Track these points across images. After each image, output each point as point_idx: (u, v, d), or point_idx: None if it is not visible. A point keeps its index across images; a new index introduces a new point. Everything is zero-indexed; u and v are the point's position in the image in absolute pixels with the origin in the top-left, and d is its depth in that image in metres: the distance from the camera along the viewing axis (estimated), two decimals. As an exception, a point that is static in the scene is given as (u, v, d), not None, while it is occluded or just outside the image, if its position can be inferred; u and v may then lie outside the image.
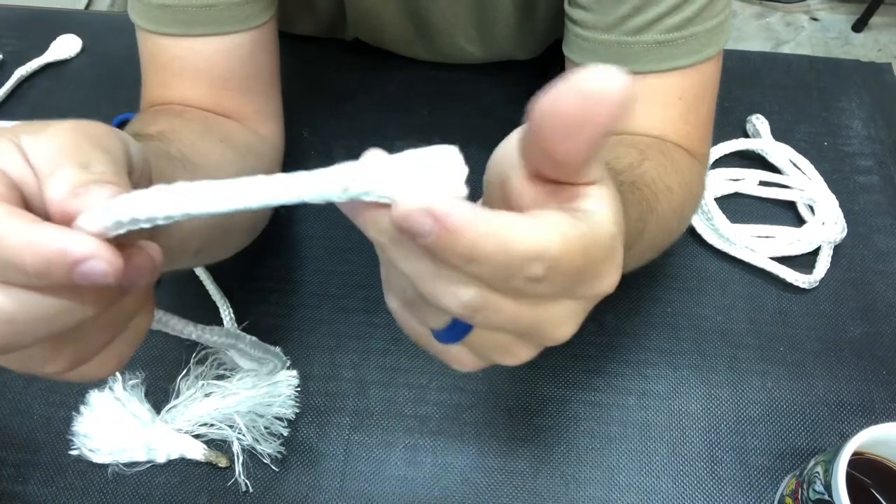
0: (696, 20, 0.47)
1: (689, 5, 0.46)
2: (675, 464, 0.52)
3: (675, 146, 0.49)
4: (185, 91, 0.51)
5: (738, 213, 0.63)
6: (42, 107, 0.72)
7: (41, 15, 0.80)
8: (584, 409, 0.55)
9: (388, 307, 0.28)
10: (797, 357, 0.57)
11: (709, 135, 0.53)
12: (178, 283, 0.60)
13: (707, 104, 0.52)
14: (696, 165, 0.50)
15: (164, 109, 0.50)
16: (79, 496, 0.51)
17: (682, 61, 0.48)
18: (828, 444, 0.53)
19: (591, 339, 0.58)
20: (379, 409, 0.55)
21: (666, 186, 0.44)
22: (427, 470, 0.52)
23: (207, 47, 0.50)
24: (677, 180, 0.46)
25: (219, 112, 0.52)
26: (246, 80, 0.53)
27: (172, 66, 0.51)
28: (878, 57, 1.90)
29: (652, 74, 0.48)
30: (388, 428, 0.54)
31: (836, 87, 0.73)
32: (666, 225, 0.46)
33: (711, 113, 0.52)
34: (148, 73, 0.52)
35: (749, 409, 0.55)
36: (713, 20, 0.48)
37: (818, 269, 0.60)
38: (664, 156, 0.47)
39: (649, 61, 0.48)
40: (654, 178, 0.44)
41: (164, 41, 0.50)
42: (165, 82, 0.51)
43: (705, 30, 0.47)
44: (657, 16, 0.46)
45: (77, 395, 0.54)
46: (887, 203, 0.65)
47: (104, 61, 0.75)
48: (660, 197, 0.43)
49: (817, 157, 0.66)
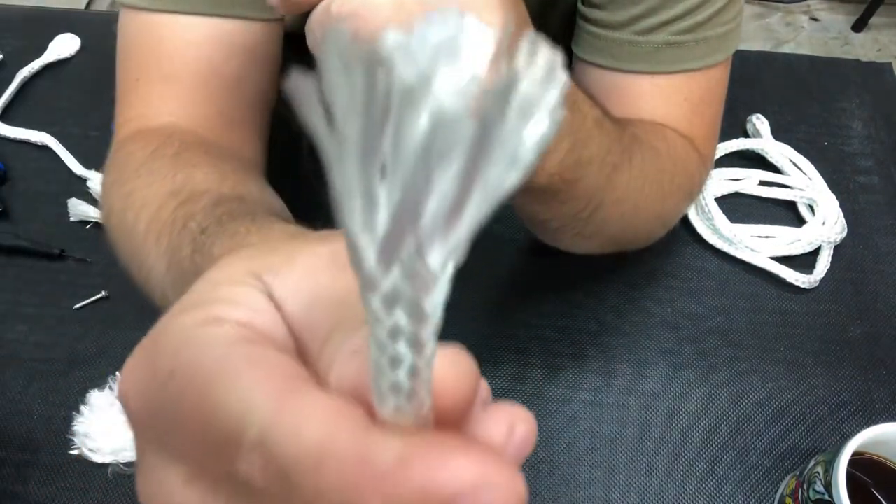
0: (708, 25, 0.48)
1: (702, 11, 0.47)
2: (675, 464, 0.52)
3: (671, 130, 0.50)
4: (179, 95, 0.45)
5: (738, 213, 0.63)
6: (43, 107, 0.72)
7: (41, 15, 0.80)
8: (584, 409, 0.55)
9: None
10: (797, 357, 0.57)
11: (714, 138, 0.53)
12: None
13: (713, 108, 0.52)
14: (695, 153, 0.51)
15: (189, 160, 0.41)
16: (79, 496, 0.51)
17: (691, 64, 0.48)
18: (828, 444, 0.53)
19: (591, 340, 0.58)
20: (379, 409, 0.55)
21: (651, 146, 0.45)
22: (427, 470, 0.52)
23: (203, 31, 0.44)
24: (665, 147, 0.47)
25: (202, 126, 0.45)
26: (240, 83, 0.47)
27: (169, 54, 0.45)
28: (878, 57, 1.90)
29: (659, 75, 0.49)
30: (388, 428, 0.54)
31: (836, 87, 0.73)
32: (655, 178, 0.46)
33: (717, 117, 0.53)
34: (131, 69, 0.47)
35: (749, 408, 0.55)
36: (724, 27, 0.48)
37: (818, 269, 0.60)
38: (654, 127, 0.48)
39: (658, 62, 0.48)
40: (637, 133, 0.45)
41: (157, 18, 0.44)
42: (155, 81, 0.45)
43: (716, 35, 0.48)
44: (670, 18, 0.47)
45: (77, 395, 0.54)
46: (887, 203, 0.65)
47: (104, 61, 0.75)
48: (641, 147, 0.44)
49: (817, 157, 0.66)
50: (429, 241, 0.12)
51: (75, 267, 0.61)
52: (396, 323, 0.12)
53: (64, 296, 0.60)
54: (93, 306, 0.59)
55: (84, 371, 0.56)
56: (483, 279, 0.60)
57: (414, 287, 0.12)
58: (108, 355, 0.57)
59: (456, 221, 0.11)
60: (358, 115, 0.11)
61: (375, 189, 0.11)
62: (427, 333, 0.13)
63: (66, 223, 0.63)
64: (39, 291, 0.60)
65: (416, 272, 0.12)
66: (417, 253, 0.12)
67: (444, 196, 0.11)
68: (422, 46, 0.11)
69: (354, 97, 0.11)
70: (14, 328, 0.58)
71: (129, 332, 0.58)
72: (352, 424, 0.13)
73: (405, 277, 0.12)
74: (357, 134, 0.11)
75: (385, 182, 0.11)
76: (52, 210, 0.64)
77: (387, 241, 0.12)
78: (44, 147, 0.68)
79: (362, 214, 0.11)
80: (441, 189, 0.11)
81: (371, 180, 0.11)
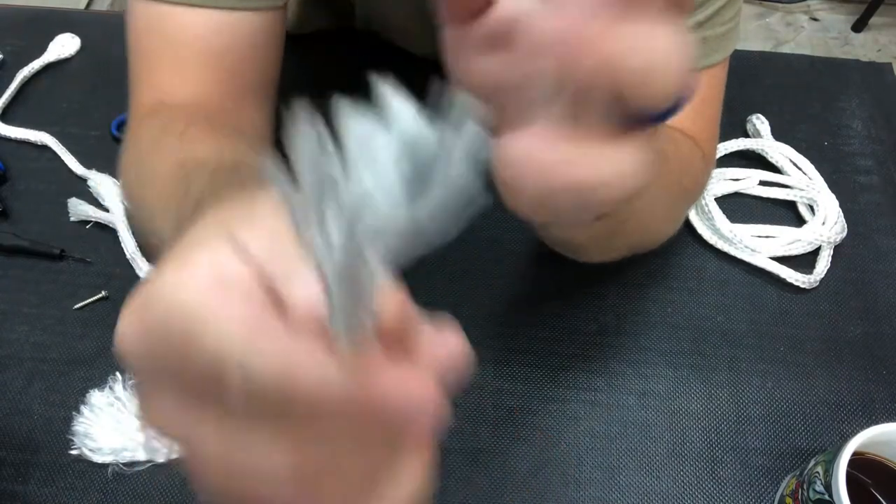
0: (707, 25, 0.48)
1: (702, 11, 0.47)
2: (675, 464, 0.52)
3: (675, 130, 0.50)
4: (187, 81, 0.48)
5: (738, 213, 0.63)
6: (43, 107, 0.72)
7: (41, 15, 0.80)
8: (584, 409, 0.55)
9: None
10: (797, 357, 0.57)
11: (715, 138, 0.54)
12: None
13: (713, 108, 0.52)
14: (699, 152, 0.51)
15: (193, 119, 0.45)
16: (79, 496, 0.51)
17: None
18: (828, 444, 0.53)
19: (591, 339, 0.58)
20: (379, 409, 0.55)
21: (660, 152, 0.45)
22: (427, 470, 0.52)
23: (210, 22, 0.47)
24: (673, 150, 0.47)
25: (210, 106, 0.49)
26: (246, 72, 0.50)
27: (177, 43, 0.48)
28: (878, 57, 1.90)
29: None
30: (388, 428, 0.54)
31: (836, 87, 0.73)
32: (666, 184, 0.46)
33: (718, 117, 0.53)
34: (143, 57, 0.50)
35: (749, 408, 0.55)
36: (723, 27, 0.48)
37: (818, 269, 0.60)
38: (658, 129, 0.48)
39: None
40: None
41: (167, 9, 0.47)
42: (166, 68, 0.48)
43: (715, 35, 0.48)
44: None
45: (77, 395, 0.54)
46: (887, 203, 0.65)
47: (104, 61, 0.75)
48: None
49: (817, 157, 0.66)
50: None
51: (75, 267, 0.61)
52: (342, 269, 0.16)
53: (64, 296, 0.60)
54: (93, 306, 0.59)
55: (84, 371, 0.56)
56: (484, 280, 0.60)
57: (350, 243, 0.15)
58: (108, 355, 0.57)
59: None
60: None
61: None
62: (365, 273, 0.16)
63: (66, 223, 0.63)
64: (39, 291, 0.60)
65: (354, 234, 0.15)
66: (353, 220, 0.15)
67: None
68: None
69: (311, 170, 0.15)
70: (14, 328, 0.58)
71: (129, 332, 0.58)
72: (311, 353, 0.17)
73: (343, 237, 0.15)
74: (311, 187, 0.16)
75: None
76: (52, 210, 0.64)
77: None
78: (44, 147, 0.68)
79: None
80: None
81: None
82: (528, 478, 0.52)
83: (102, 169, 0.66)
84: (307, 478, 0.19)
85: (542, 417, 0.54)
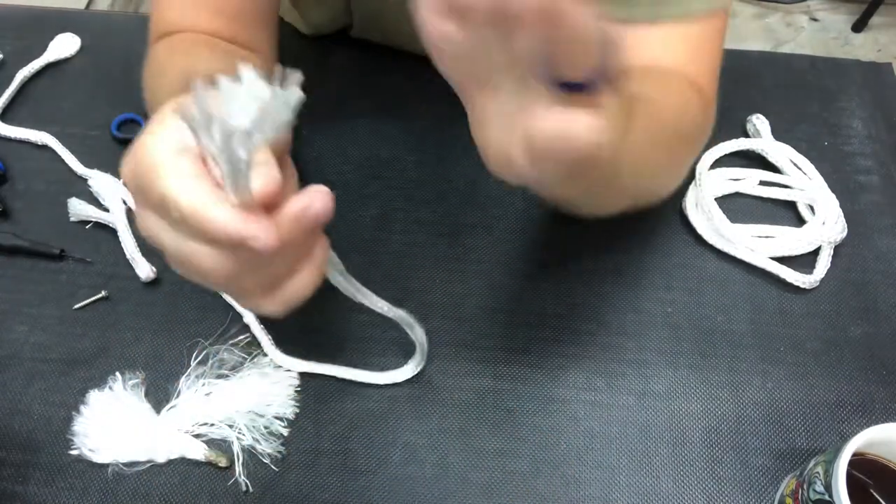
0: None
1: None
2: (675, 464, 0.52)
3: (667, 72, 0.50)
4: (201, 22, 0.55)
5: (738, 213, 0.63)
6: (43, 107, 0.72)
7: (41, 15, 0.80)
8: (584, 409, 0.55)
9: None
10: (797, 357, 0.57)
11: (714, 80, 0.54)
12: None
13: (712, 55, 0.53)
14: (695, 96, 0.51)
15: (197, 40, 0.54)
16: (79, 496, 0.51)
17: (692, 5, 0.50)
18: (828, 444, 0.53)
19: (591, 339, 0.58)
20: (378, 409, 0.55)
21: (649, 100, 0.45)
22: (427, 470, 0.52)
23: None
24: (662, 96, 0.47)
25: (217, 31, 0.56)
26: (255, 13, 0.58)
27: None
28: (878, 57, 1.90)
29: (659, 22, 0.50)
30: (388, 428, 0.54)
31: (836, 87, 0.73)
32: (658, 132, 0.46)
33: (717, 64, 0.54)
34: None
35: (749, 409, 0.55)
36: None
37: (818, 269, 0.60)
38: (647, 74, 0.49)
39: (658, 3, 0.49)
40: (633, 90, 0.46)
41: None
42: (183, 8, 0.56)
43: None
44: None
45: (77, 395, 0.54)
46: (887, 203, 0.65)
47: (104, 61, 0.75)
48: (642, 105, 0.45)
49: (817, 157, 0.66)
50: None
51: (75, 267, 0.61)
52: (229, 155, 0.30)
53: (64, 296, 0.60)
54: (93, 306, 0.59)
55: (84, 371, 0.56)
56: (483, 280, 0.60)
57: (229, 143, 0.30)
58: (108, 355, 0.57)
59: None
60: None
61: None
62: (237, 160, 0.30)
63: (66, 223, 0.63)
64: (39, 291, 0.60)
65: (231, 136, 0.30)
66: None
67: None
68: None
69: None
70: (14, 328, 0.58)
71: (128, 332, 0.58)
72: (221, 206, 0.31)
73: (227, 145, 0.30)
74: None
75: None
76: (52, 210, 0.64)
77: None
78: (44, 147, 0.68)
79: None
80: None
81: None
82: (528, 478, 0.52)
83: (103, 169, 0.66)
84: (230, 274, 0.33)
85: (541, 417, 0.54)
